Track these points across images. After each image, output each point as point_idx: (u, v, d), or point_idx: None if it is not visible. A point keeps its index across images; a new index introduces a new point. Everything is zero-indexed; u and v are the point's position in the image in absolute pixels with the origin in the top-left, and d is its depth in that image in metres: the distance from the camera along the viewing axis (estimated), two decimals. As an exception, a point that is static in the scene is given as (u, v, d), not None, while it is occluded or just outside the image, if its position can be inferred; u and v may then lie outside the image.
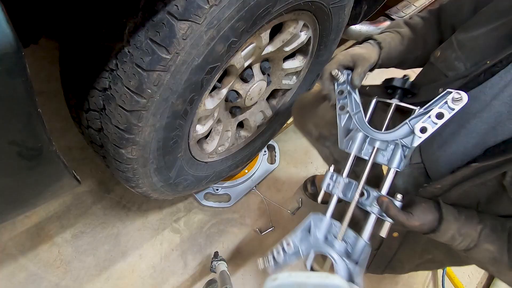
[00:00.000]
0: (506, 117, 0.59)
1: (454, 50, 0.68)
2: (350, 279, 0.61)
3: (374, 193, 0.64)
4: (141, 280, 1.19)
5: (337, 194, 0.68)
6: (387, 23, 1.48)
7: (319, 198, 0.72)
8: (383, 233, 0.63)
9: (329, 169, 0.72)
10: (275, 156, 1.57)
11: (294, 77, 1.19)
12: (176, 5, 0.59)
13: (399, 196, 0.63)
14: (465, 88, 0.64)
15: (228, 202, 1.39)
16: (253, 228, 1.35)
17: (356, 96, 0.72)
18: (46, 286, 1.13)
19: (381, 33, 0.85)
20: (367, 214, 0.65)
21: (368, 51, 0.77)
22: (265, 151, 1.56)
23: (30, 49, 0.68)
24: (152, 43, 0.61)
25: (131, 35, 0.62)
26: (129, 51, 0.63)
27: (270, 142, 1.54)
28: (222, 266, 1.05)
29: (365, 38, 0.83)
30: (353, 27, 1.33)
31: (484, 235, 0.62)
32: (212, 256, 1.12)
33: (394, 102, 0.72)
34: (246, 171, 1.47)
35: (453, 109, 0.58)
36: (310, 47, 1.08)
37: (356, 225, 0.65)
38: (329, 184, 0.70)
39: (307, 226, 0.68)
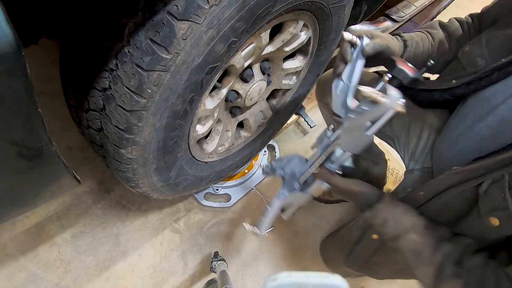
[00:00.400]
0: (508, 124, 0.55)
1: (480, 46, 0.66)
2: (271, 204, 0.86)
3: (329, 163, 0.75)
4: (141, 280, 1.19)
5: (318, 148, 0.78)
6: (387, 23, 1.48)
7: (311, 146, 0.84)
8: (315, 193, 0.77)
9: (328, 127, 0.77)
10: (275, 156, 1.57)
11: (294, 77, 1.19)
12: (176, 5, 0.59)
13: (339, 172, 0.73)
14: (477, 85, 0.61)
15: (228, 202, 1.39)
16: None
17: (357, 68, 0.68)
18: (46, 286, 1.13)
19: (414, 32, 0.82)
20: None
21: (391, 38, 0.75)
22: (265, 151, 1.56)
23: (30, 49, 0.68)
24: (152, 43, 0.61)
25: (131, 35, 0.62)
26: (129, 51, 0.63)
27: (270, 142, 1.54)
28: (222, 266, 1.05)
29: (393, 35, 0.80)
30: (353, 27, 1.33)
31: (415, 227, 0.62)
32: (212, 256, 1.12)
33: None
34: (246, 171, 1.47)
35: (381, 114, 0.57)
36: (310, 47, 1.08)
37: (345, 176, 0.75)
38: (320, 139, 0.79)
39: (289, 158, 0.87)
